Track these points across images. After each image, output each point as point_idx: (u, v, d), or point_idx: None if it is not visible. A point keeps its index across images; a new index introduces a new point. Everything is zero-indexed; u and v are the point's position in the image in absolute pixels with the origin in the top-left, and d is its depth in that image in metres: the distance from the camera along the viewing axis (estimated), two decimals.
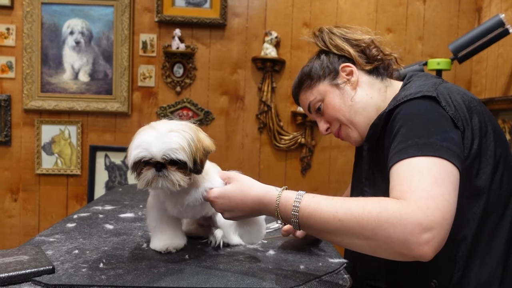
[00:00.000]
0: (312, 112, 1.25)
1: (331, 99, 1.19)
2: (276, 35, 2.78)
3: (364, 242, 0.82)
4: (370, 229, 0.79)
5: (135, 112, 2.83)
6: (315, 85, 1.22)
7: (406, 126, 0.94)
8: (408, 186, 0.83)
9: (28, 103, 2.75)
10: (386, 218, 0.78)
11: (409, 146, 0.89)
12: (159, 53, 2.82)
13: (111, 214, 1.36)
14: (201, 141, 0.93)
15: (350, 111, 1.17)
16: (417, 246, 0.76)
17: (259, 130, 2.88)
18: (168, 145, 0.86)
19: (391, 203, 0.80)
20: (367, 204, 0.82)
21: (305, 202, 0.87)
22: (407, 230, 0.76)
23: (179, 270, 0.89)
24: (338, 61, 1.21)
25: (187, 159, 0.88)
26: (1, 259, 0.86)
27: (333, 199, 0.87)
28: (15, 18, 2.75)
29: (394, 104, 1.00)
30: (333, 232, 0.84)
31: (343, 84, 1.19)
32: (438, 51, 2.89)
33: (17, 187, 2.81)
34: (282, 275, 0.89)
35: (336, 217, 0.83)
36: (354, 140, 1.21)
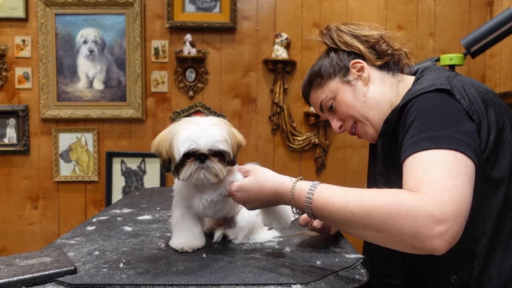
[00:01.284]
0: (324, 111, 1.24)
1: (343, 96, 1.18)
2: (286, 36, 2.79)
3: (376, 234, 0.81)
4: (381, 220, 0.79)
5: (149, 117, 2.87)
6: (326, 83, 1.21)
7: (419, 119, 0.93)
8: (422, 178, 0.82)
9: (45, 112, 2.81)
10: (397, 209, 0.77)
11: (423, 139, 0.88)
12: (171, 59, 2.85)
13: (129, 216, 1.38)
14: (235, 135, 1.00)
15: (364, 107, 1.16)
16: (429, 239, 0.75)
17: (273, 132, 2.89)
18: (213, 138, 0.93)
19: (403, 195, 0.80)
20: (378, 196, 0.81)
21: (318, 193, 0.88)
22: (419, 222, 0.75)
23: (198, 268, 0.90)
24: (348, 57, 1.20)
25: (230, 150, 0.96)
26: (25, 261, 0.89)
27: (346, 190, 0.87)
28: (30, 30, 2.82)
29: (407, 98, 1.00)
30: (345, 223, 0.85)
31: (355, 80, 1.18)
32: (450, 47, 2.87)
33: (37, 195, 2.86)
34: (299, 270, 0.90)
35: (347, 209, 0.83)
36: (371, 137, 1.19)
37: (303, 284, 0.83)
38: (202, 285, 0.82)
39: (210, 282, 0.83)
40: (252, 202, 0.99)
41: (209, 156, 0.95)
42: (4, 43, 2.81)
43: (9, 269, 0.84)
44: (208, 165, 0.94)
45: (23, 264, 0.87)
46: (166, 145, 0.95)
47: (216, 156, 0.96)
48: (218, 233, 1.11)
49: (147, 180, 2.87)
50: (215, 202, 1.02)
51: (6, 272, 0.83)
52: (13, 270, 0.83)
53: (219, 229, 1.13)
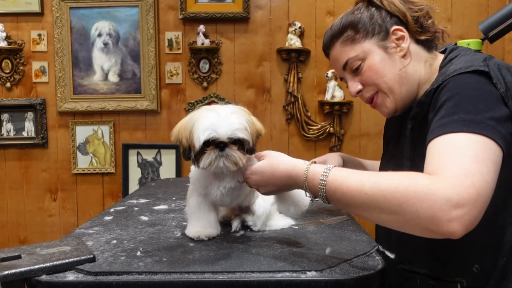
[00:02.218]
0: (346, 70, 1.14)
1: (376, 62, 1.08)
2: (300, 25, 2.77)
3: (391, 217, 0.79)
4: (397, 204, 0.77)
5: (164, 109, 2.89)
6: (360, 40, 1.09)
7: (453, 100, 0.89)
8: (446, 161, 0.80)
9: (62, 105, 2.85)
10: (414, 192, 0.75)
11: (454, 121, 0.85)
12: (184, 50, 2.86)
13: (146, 206, 1.40)
14: (254, 123, 1.00)
15: (394, 80, 1.08)
16: (446, 222, 0.73)
17: (287, 121, 2.89)
18: (233, 126, 0.94)
19: (421, 178, 0.78)
20: (395, 178, 0.80)
21: (332, 176, 0.86)
22: (436, 206, 0.73)
23: (213, 256, 0.91)
24: (390, 20, 1.09)
25: (249, 138, 0.96)
26: (45, 250, 0.91)
27: (361, 173, 0.85)
28: (46, 24, 2.85)
29: (442, 79, 0.95)
30: (360, 206, 0.82)
31: (393, 49, 1.08)
32: (468, 32, 2.81)
33: (56, 187, 2.92)
34: (314, 258, 0.90)
35: (363, 191, 0.81)
36: (388, 111, 1.13)
37: (318, 271, 0.83)
38: (217, 272, 0.83)
39: (225, 269, 0.84)
40: (265, 185, 0.98)
41: (229, 144, 0.95)
42: (20, 38, 2.85)
43: (30, 258, 0.86)
44: (227, 153, 0.95)
45: (44, 253, 0.89)
46: (186, 133, 0.96)
47: (236, 144, 0.96)
48: (236, 223, 1.12)
49: (163, 171, 2.90)
50: (233, 189, 1.03)
51: (27, 260, 0.85)
52: (34, 259, 0.86)
53: (236, 218, 1.13)
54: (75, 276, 0.82)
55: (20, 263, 0.83)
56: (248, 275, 0.82)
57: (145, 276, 0.81)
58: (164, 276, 0.82)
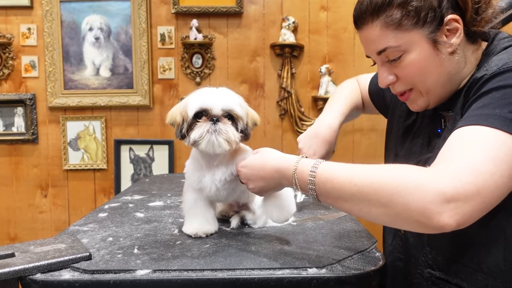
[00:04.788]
0: (381, 55, 0.95)
1: (420, 59, 0.91)
2: (293, 20, 2.75)
3: (381, 210, 0.75)
4: (387, 195, 0.73)
5: (157, 104, 2.86)
6: (408, 28, 0.89)
7: (502, 91, 0.79)
8: (458, 155, 0.74)
9: (53, 100, 2.80)
10: (405, 184, 0.72)
11: (495, 115, 0.76)
12: (177, 45, 2.83)
13: (141, 203, 1.38)
14: (250, 112, 1.01)
15: (436, 81, 0.94)
16: (436, 215, 0.69)
17: (281, 117, 2.87)
18: (228, 100, 0.94)
19: (415, 169, 0.75)
20: (387, 170, 0.77)
21: (322, 168, 0.83)
22: (427, 198, 0.69)
23: (212, 253, 0.90)
24: (447, 4, 0.89)
25: (244, 116, 0.96)
26: (39, 247, 0.89)
27: (352, 165, 0.81)
28: (36, 18, 2.80)
29: (498, 66, 0.84)
30: (349, 199, 0.78)
31: (443, 44, 0.90)
32: None
33: (46, 183, 2.88)
34: (314, 254, 0.89)
35: (352, 182, 0.78)
36: (418, 108, 1.01)
37: (318, 268, 0.82)
38: (217, 269, 0.81)
39: (225, 266, 0.83)
40: (254, 179, 0.96)
41: (222, 118, 0.94)
42: (9, 32, 2.79)
43: (24, 256, 0.84)
44: (220, 127, 0.93)
45: (38, 250, 0.87)
46: (180, 108, 0.96)
47: (229, 120, 0.95)
48: (235, 221, 1.10)
49: (155, 167, 2.88)
50: (228, 182, 1.01)
51: (21, 259, 0.83)
52: (28, 257, 0.83)
53: (235, 216, 1.12)
54: (71, 275, 0.80)
55: (14, 262, 0.81)
56: (248, 273, 0.81)
57: (143, 274, 0.80)
58: (162, 274, 0.80)
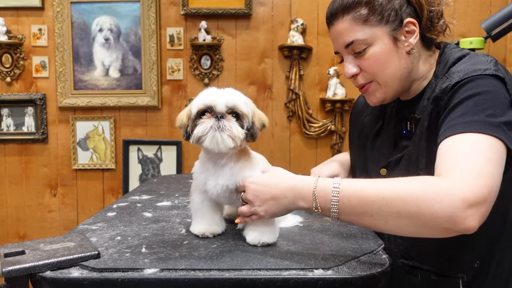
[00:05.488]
0: (346, 48, 1.07)
1: (382, 52, 1.03)
2: (302, 22, 2.76)
3: (408, 221, 0.80)
4: (415, 205, 0.78)
5: (165, 105, 2.87)
6: (373, 23, 1.02)
7: (473, 100, 0.91)
8: (462, 161, 0.83)
9: (62, 100, 2.83)
10: (432, 193, 0.78)
11: (475, 121, 0.87)
12: (186, 46, 2.84)
13: (149, 203, 1.39)
14: (257, 113, 0.99)
15: (394, 75, 1.05)
16: (463, 220, 0.77)
17: (288, 119, 2.88)
18: (232, 97, 0.93)
19: (437, 180, 0.82)
20: (411, 182, 0.83)
21: (345, 184, 0.85)
22: (453, 204, 0.76)
23: (219, 253, 0.91)
24: (406, 9, 1.04)
25: (247, 112, 0.94)
26: (49, 245, 0.90)
27: (374, 180, 0.86)
28: (46, 19, 2.83)
29: (461, 77, 0.95)
30: (376, 213, 0.82)
31: (402, 42, 1.04)
32: (470, 30, 2.80)
33: (56, 182, 2.91)
34: (320, 256, 0.89)
35: (380, 196, 0.81)
36: (376, 101, 1.12)
37: (325, 269, 0.83)
38: (224, 269, 0.82)
39: (232, 266, 0.83)
40: (263, 198, 0.91)
41: (226, 115, 0.92)
42: (21, 32, 2.83)
43: (34, 254, 0.85)
44: (224, 123, 0.90)
45: (48, 248, 0.88)
46: (187, 110, 0.96)
47: (234, 116, 0.93)
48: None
49: (163, 167, 2.89)
50: (229, 191, 0.98)
51: (31, 256, 0.84)
52: (38, 255, 0.85)
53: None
54: (80, 273, 0.81)
55: (24, 259, 0.83)
56: (255, 273, 0.81)
57: (150, 273, 0.81)
58: (169, 273, 0.81)
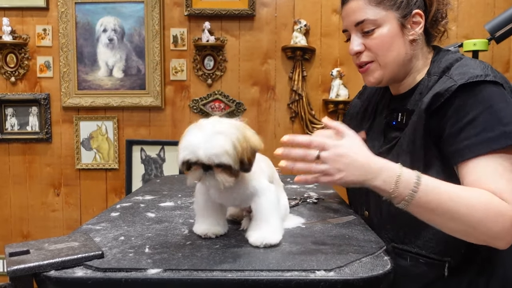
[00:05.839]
0: (357, 26, 1.13)
1: (389, 34, 1.10)
2: (305, 23, 2.76)
3: (463, 228, 0.93)
4: (477, 218, 0.90)
5: (168, 106, 2.88)
6: (385, 7, 1.10)
7: (487, 113, 0.97)
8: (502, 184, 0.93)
9: (66, 100, 2.85)
10: (493, 212, 0.90)
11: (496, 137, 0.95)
12: (189, 47, 2.85)
13: (152, 203, 1.40)
14: (248, 140, 0.92)
15: (396, 59, 1.12)
16: (504, 241, 0.92)
17: (291, 120, 2.88)
18: (212, 150, 0.87)
19: (496, 200, 0.92)
20: (478, 196, 0.92)
21: (425, 179, 0.93)
22: (505, 226, 0.90)
23: (222, 253, 0.91)
24: (417, 2, 1.12)
25: (232, 163, 0.88)
26: (53, 245, 0.91)
27: (447, 184, 0.94)
28: (51, 19, 2.84)
29: (466, 79, 0.99)
30: (442, 213, 0.92)
31: (408, 29, 1.11)
32: (474, 32, 2.80)
33: (59, 182, 2.92)
34: (322, 257, 0.90)
35: (452, 200, 0.91)
36: (373, 82, 1.17)
37: (327, 270, 0.83)
38: (226, 270, 0.83)
39: (234, 267, 0.84)
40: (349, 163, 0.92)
41: (213, 167, 0.90)
42: (25, 32, 2.85)
43: (38, 253, 0.86)
44: (211, 175, 0.90)
45: (52, 248, 0.89)
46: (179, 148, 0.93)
47: (220, 166, 0.89)
48: (245, 223, 1.10)
49: (166, 168, 2.90)
50: (231, 189, 0.97)
51: (36, 256, 0.85)
52: (42, 254, 0.85)
53: (246, 218, 1.12)
54: (84, 272, 0.82)
55: (29, 258, 0.83)
56: (257, 274, 0.82)
57: (154, 273, 0.81)
58: (173, 274, 0.81)
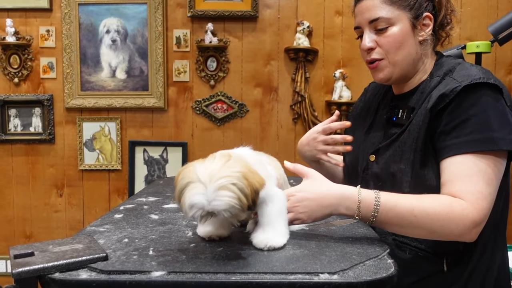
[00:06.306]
0: (370, 24, 1.16)
1: (402, 33, 1.14)
2: (308, 24, 2.77)
3: (429, 234, 1.01)
4: (439, 225, 0.98)
5: (171, 107, 2.89)
6: (399, 7, 1.14)
7: (480, 117, 1.02)
8: (468, 185, 1.00)
9: (69, 101, 2.85)
10: (453, 217, 0.97)
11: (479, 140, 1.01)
12: (192, 48, 2.86)
13: (155, 205, 1.40)
14: (251, 185, 0.89)
15: (406, 58, 1.16)
16: (468, 236, 1.00)
17: (294, 121, 2.88)
18: (219, 208, 0.86)
19: (456, 204, 0.99)
20: (436, 204, 0.99)
21: (384, 198, 0.99)
22: (466, 226, 0.98)
23: (226, 256, 0.91)
24: (428, 5, 1.16)
25: (239, 212, 0.88)
26: (58, 247, 0.91)
27: (406, 196, 1.01)
28: (54, 20, 2.85)
29: (470, 81, 1.04)
30: (407, 226, 1.00)
31: (418, 30, 1.16)
32: (477, 34, 2.80)
33: (62, 182, 2.93)
34: (326, 260, 0.90)
35: (413, 214, 0.98)
36: (381, 78, 1.20)
37: (330, 273, 0.83)
38: (230, 272, 0.83)
39: (238, 270, 0.84)
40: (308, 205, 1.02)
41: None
42: (29, 33, 2.85)
43: (43, 255, 0.86)
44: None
45: (57, 250, 0.89)
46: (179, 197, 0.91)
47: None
48: (251, 225, 1.10)
49: (169, 168, 2.91)
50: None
51: (40, 258, 0.85)
52: (47, 256, 0.86)
53: (253, 221, 1.12)
54: (88, 275, 0.82)
55: (34, 261, 0.84)
56: (261, 276, 0.82)
57: (158, 275, 0.82)
58: (177, 276, 0.82)
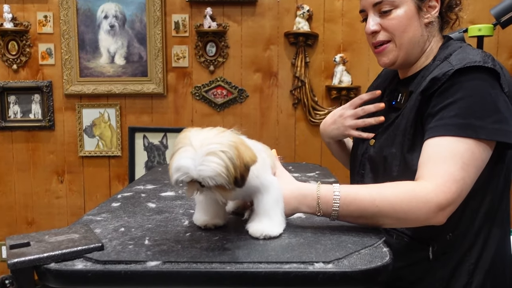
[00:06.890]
0: (375, 7, 1.17)
1: (406, 15, 1.14)
2: (308, 8, 2.73)
3: (395, 222, 1.00)
4: (403, 212, 0.96)
5: (171, 92, 2.87)
6: None
7: (466, 101, 1.00)
8: (441, 168, 0.98)
9: (69, 88, 2.84)
10: (416, 203, 0.95)
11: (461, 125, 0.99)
12: (191, 33, 2.83)
13: (153, 193, 1.40)
14: (242, 157, 0.89)
15: (411, 40, 1.16)
16: (435, 220, 0.97)
17: (294, 106, 2.87)
18: (205, 173, 0.85)
19: (418, 188, 0.97)
20: (399, 191, 0.98)
21: (344, 192, 0.98)
22: (431, 210, 0.95)
23: (221, 245, 0.92)
24: None
25: (225, 183, 0.86)
26: (54, 237, 0.92)
27: (367, 187, 1.00)
28: (52, 6, 2.83)
29: (463, 64, 1.03)
30: (370, 216, 0.98)
31: (424, 12, 1.15)
32: (479, 17, 2.75)
33: (63, 169, 2.93)
34: (321, 249, 0.90)
35: (374, 204, 0.96)
36: (387, 62, 1.20)
37: (325, 263, 0.83)
38: (225, 262, 0.83)
39: (233, 259, 0.84)
40: None
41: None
42: (27, 19, 2.83)
43: (39, 246, 0.87)
44: (208, 189, 0.89)
45: (52, 240, 0.90)
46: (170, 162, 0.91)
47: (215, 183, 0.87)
48: (249, 213, 1.10)
49: (169, 154, 2.91)
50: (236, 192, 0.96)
51: (36, 248, 0.85)
52: (43, 247, 0.86)
53: (248, 209, 1.12)
54: (83, 265, 0.83)
55: (29, 251, 0.84)
56: (256, 266, 0.82)
57: (153, 265, 0.82)
58: (172, 266, 0.82)
